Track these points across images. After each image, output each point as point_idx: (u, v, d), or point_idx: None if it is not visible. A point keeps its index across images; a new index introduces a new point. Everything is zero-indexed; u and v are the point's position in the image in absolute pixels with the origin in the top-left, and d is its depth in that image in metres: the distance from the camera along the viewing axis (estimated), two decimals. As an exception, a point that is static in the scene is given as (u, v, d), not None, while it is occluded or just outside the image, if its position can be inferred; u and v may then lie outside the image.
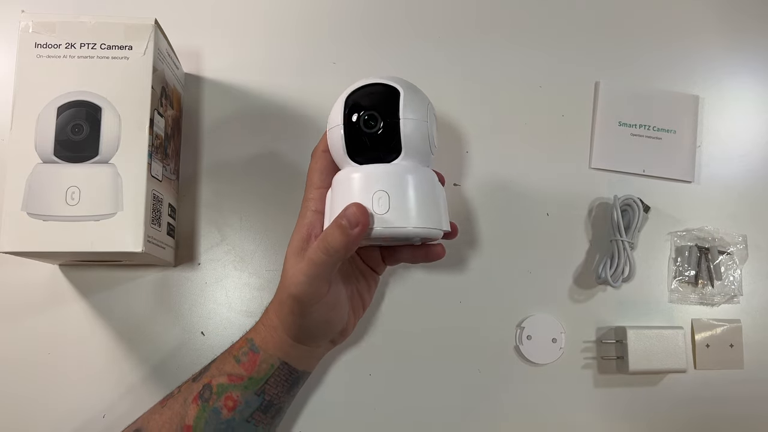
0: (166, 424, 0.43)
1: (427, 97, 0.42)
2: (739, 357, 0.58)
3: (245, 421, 0.43)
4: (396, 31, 0.59)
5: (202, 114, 0.55)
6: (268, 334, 0.44)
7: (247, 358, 0.44)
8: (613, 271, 0.54)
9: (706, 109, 0.62)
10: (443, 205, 0.42)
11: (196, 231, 0.53)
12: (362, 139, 0.39)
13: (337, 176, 0.41)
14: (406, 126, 0.39)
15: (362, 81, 0.41)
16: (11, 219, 0.42)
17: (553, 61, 0.60)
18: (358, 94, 0.40)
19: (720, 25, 0.63)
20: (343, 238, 0.37)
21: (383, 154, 0.40)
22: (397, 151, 0.39)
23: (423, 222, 0.39)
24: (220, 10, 0.57)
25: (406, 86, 0.40)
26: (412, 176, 0.39)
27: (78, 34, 0.44)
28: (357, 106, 0.40)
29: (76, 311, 0.51)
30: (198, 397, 0.43)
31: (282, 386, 0.45)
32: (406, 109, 0.39)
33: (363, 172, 0.40)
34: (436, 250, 0.45)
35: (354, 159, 0.40)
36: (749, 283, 0.59)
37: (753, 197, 0.61)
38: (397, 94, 0.39)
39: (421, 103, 0.40)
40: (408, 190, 0.39)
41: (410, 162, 0.40)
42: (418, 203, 0.39)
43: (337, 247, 0.38)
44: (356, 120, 0.39)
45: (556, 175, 0.58)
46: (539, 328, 0.55)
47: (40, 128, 0.43)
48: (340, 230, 0.38)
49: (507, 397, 0.54)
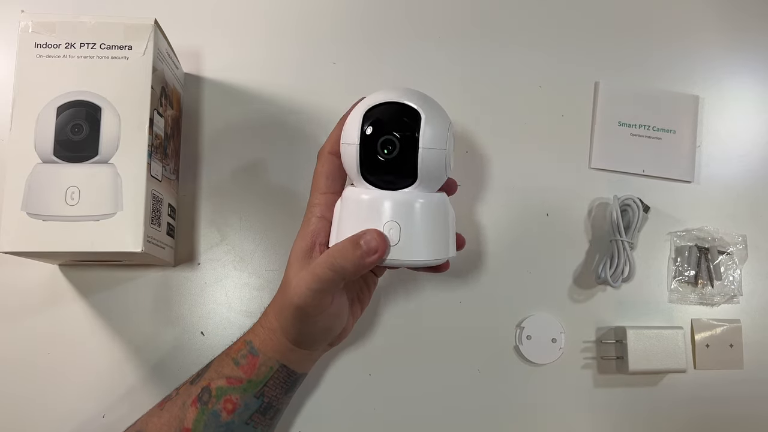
0: (164, 426, 0.42)
1: (448, 116, 0.40)
2: (739, 357, 0.58)
3: (244, 423, 0.43)
4: (396, 31, 0.59)
5: (201, 114, 0.55)
6: (267, 336, 0.43)
7: (246, 361, 0.43)
8: (613, 271, 0.54)
9: (706, 109, 0.62)
10: (452, 232, 0.42)
11: (196, 231, 0.53)
12: (377, 163, 0.38)
13: (349, 192, 0.41)
14: (424, 155, 0.37)
15: (382, 95, 0.39)
16: (11, 219, 0.42)
17: (553, 61, 0.60)
18: (378, 111, 0.38)
19: (720, 24, 0.63)
20: (357, 261, 0.37)
21: (397, 180, 0.39)
22: (413, 178, 0.38)
23: (431, 254, 0.39)
24: (220, 9, 0.57)
25: (428, 108, 0.38)
26: (424, 207, 0.39)
27: (78, 34, 0.44)
28: (375, 126, 0.38)
29: (76, 311, 0.51)
30: (197, 400, 0.43)
31: (281, 388, 0.44)
32: (426, 136, 0.37)
33: (376, 197, 0.39)
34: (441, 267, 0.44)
35: (367, 179, 0.39)
36: (749, 283, 0.59)
37: (753, 197, 0.61)
38: (418, 119, 0.37)
39: (441, 128, 0.38)
40: (418, 223, 0.39)
41: (426, 189, 0.39)
42: (428, 236, 0.39)
43: (348, 269, 0.38)
44: (373, 142, 0.38)
45: (555, 175, 0.58)
46: (539, 328, 0.55)
47: (40, 128, 0.43)
48: (355, 252, 0.37)
49: (507, 397, 0.54)
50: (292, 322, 0.42)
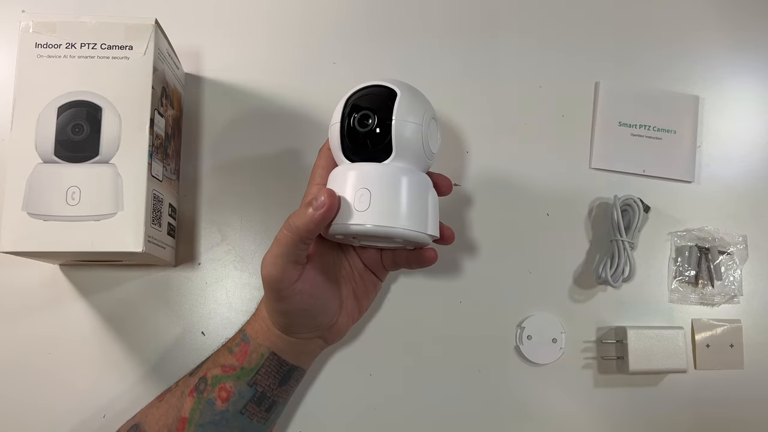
0: (162, 416, 0.43)
1: (430, 103, 0.42)
2: (739, 357, 0.58)
3: (239, 413, 0.44)
4: (396, 31, 0.59)
5: (202, 114, 0.55)
6: (259, 324, 0.45)
7: (239, 349, 0.45)
8: (613, 271, 0.54)
9: (706, 109, 0.62)
10: (432, 210, 0.42)
11: (197, 231, 0.53)
12: (356, 138, 0.40)
13: (333, 172, 0.42)
14: (399, 128, 0.39)
15: (366, 83, 0.42)
16: (11, 219, 0.42)
17: (553, 61, 0.60)
18: (359, 94, 0.41)
19: (720, 24, 0.63)
20: (306, 217, 0.38)
21: (376, 154, 0.40)
22: (388, 152, 0.40)
23: (404, 224, 0.39)
24: (220, 9, 0.57)
25: (406, 89, 0.41)
26: (399, 177, 0.40)
27: (78, 34, 0.44)
28: (356, 106, 0.41)
29: (76, 311, 0.51)
30: (194, 390, 0.44)
31: (273, 378, 0.45)
32: (401, 111, 0.40)
33: (352, 170, 0.40)
34: (428, 255, 0.45)
35: (348, 157, 0.41)
36: (749, 284, 0.59)
37: (753, 197, 0.61)
38: (393, 96, 0.40)
39: (418, 107, 0.41)
40: (391, 190, 0.39)
41: (403, 164, 0.40)
42: (401, 204, 0.39)
43: (299, 226, 0.38)
44: (352, 119, 0.40)
45: (556, 175, 0.58)
46: (539, 328, 0.55)
47: (41, 128, 0.43)
48: (306, 210, 0.38)
49: (507, 397, 0.54)
50: (268, 303, 0.43)
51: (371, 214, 0.39)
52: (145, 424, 0.43)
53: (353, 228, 0.39)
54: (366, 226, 0.39)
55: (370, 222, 0.39)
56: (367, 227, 0.39)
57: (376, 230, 0.39)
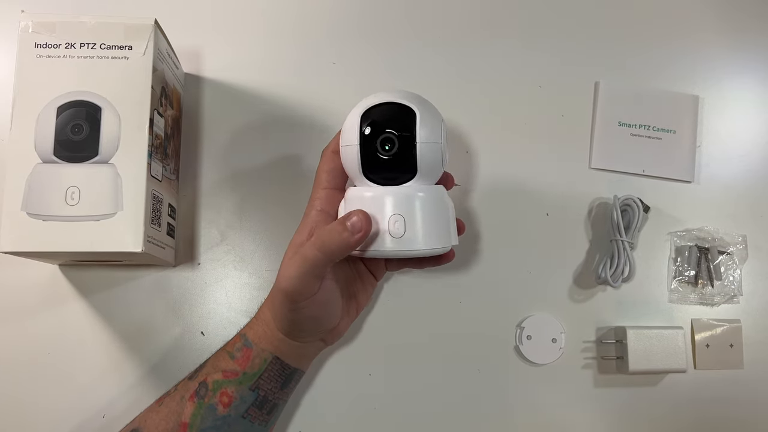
0: (162, 421, 0.43)
1: (439, 112, 0.42)
2: (739, 357, 0.58)
3: (241, 417, 0.44)
4: (395, 31, 0.59)
5: (202, 114, 0.55)
6: (261, 329, 0.44)
7: (240, 354, 0.44)
8: (613, 271, 0.54)
9: (706, 109, 0.62)
10: (452, 220, 0.43)
11: (196, 231, 0.53)
12: (378, 160, 0.40)
13: (352, 191, 0.42)
14: (422, 150, 0.39)
15: (376, 97, 0.41)
16: (11, 219, 0.41)
17: (553, 61, 0.60)
18: (374, 112, 0.40)
19: (720, 24, 0.63)
20: (342, 240, 0.38)
21: (399, 175, 0.40)
22: (412, 173, 0.40)
23: (435, 243, 0.41)
24: (219, 10, 0.57)
25: (421, 106, 0.40)
26: (426, 199, 0.41)
27: (78, 34, 0.44)
28: (373, 127, 0.40)
29: (76, 311, 0.51)
30: (194, 395, 0.43)
31: (275, 382, 0.45)
32: (422, 131, 0.39)
33: (379, 193, 0.40)
34: (447, 256, 0.45)
35: (369, 177, 0.41)
36: (749, 283, 0.59)
37: (753, 197, 0.61)
38: (413, 116, 0.39)
39: (435, 123, 0.40)
40: (422, 214, 0.40)
41: (423, 182, 0.41)
42: (432, 226, 0.41)
43: (333, 248, 0.38)
44: (372, 142, 0.40)
45: (556, 175, 0.58)
46: (539, 328, 0.55)
47: (40, 128, 0.43)
48: (342, 232, 0.38)
49: (507, 397, 0.54)
50: (280, 310, 0.42)
51: (407, 240, 0.40)
52: (144, 429, 0.43)
53: (390, 254, 0.40)
54: (405, 251, 0.40)
55: (407, 248, 0.40)
56: (406, 252, 0.40)
57: (412, 254, 0.41)
